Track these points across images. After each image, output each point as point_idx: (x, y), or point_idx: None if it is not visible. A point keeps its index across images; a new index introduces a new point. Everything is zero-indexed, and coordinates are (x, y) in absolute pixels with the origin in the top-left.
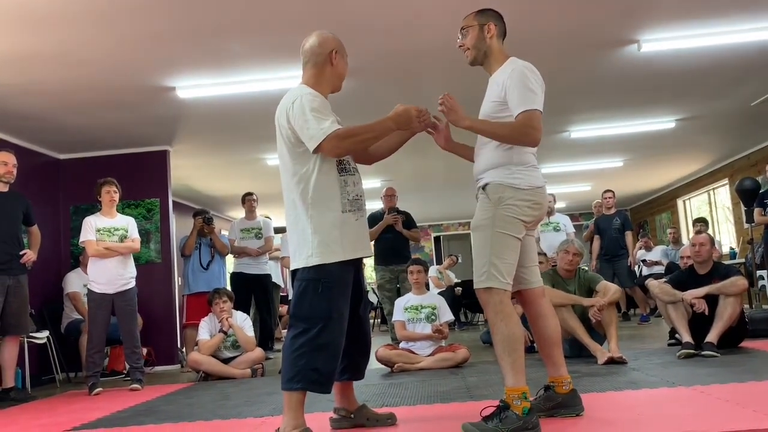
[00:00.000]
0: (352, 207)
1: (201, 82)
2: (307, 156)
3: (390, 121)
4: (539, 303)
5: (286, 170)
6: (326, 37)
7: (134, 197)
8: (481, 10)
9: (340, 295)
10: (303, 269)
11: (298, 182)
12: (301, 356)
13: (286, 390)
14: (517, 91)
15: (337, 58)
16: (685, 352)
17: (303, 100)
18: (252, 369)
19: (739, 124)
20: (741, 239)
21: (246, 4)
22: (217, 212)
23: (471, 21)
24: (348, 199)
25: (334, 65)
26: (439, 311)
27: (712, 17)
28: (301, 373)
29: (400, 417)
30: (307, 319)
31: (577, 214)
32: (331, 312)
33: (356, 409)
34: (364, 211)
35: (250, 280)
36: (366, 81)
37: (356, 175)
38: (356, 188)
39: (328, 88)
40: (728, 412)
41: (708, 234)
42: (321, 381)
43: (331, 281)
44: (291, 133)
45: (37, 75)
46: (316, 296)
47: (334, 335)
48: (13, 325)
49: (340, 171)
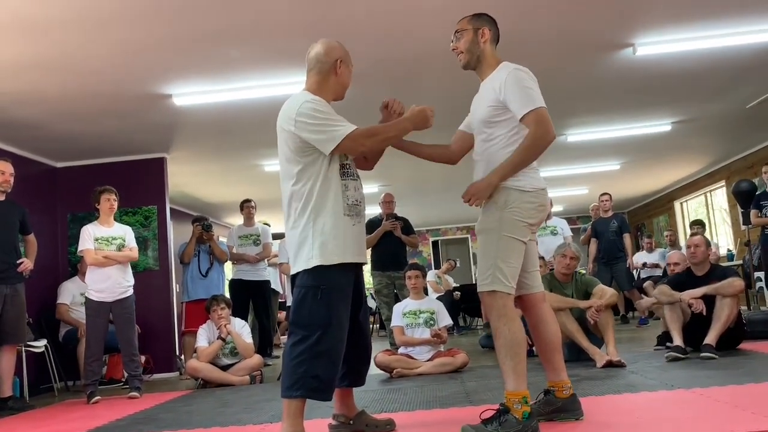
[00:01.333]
0: (351, 212)
1: (197, 89)
2: (311, 160)
3: (407, 122)
4: (540, 308)
5: (289, 175)
6: (332, 46)
7: (132, 205)
8: (476, 14)
9: (340, 302)
10: (302, 276)
11: (301, 187)
12: (301, 363)
13: (286, 397)
14: (516, 94)
15: (342, 68)
16: (673, 355)
17: (310, 106)
18: (251, 376)
19: (735, 127)
20: (738, 241)
21: (242, 11)
22: (215, 219)
23: (465, 25)
24: (347, 203)
25: (339, 74)
26: (437, 316)
27: (706, 20)
28: (300, 380)
29: (400, 422)
30: (307, 326)
31: (575, 217)
32: (331, 318)
33: (355, 415)
34: (362, 218)
35: (248, 287)
36: (363, 87)
37: (357, 180)
38: (356, 193)
39: (330, 96)
40: (727, 415)
41: (703, 236)
42: (321, 388)
43: (329, 287)
44: (296, 138)
45: (34, 83)
46: (315, 303)
47: (334, 342)
48: (10, 334)
49: (342, 175)
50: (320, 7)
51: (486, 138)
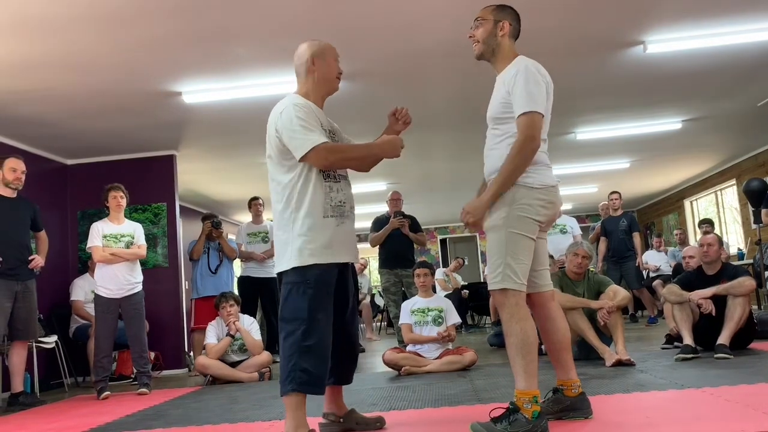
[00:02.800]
0: (334, 213)
1: (207, 87)
2: (293, 164)
3: (376, 148)
4: (549, 306)
5: (273, 178)
6: (303, 48)
7: (141, 202)
8: (501, 5)
9: (323, 297)
10: (286, 273)
11: (283, 189)
12: (290, 358)
13: (282, 394)
14: (519, 91)
15: (317, 63)
16: (684, 354)
17: (290, 111)
18: (259, 372)
19: (746, 125)
20: (749, 240)
21: (251, 9)
22: (223, 216)
23: (487, 15)
24: (330, 204)
25: (316, 70)
26: (446, 314)
27: (717, 18)
28: (291, 375)
29: (408, 420)
30: (291, 321)
31: (584, 215)
32: (314, 312)
33: (345, 413)
34: (347, 217)
35: (257, 284)
36: (368, 84)
37: (342, 182)
38: (340, 194)
39: (319, 93)
40: (739, 414)
41: (716, 234)
42: (312, 381)
43: (312, 283)
44: (279, 141)
45: (44, 81)
46: (298, 298)
47: (320, 336)
48: (21, 330)
49: (325, 177)
50: (328, 4)
51: (496, 134)
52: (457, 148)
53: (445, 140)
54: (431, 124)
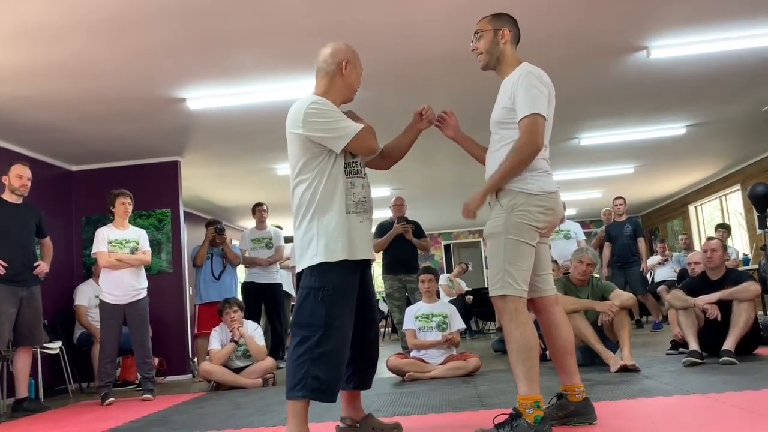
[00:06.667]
0: (357, 209)
1: (211, 93)
2: (317, 161)
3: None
4: (552, 311)
5: (296, 177)
6: (339, 48)
7: (145, 208)
8: (497, 14)
9: (343, 303)
10: (306, 276)
11: (307, 187)
12: (302, 365)
13: (289, 399)
14: (521, 95)
15: (348, 68)
16: (691, 360)
17: (320, 105)
18: (263, 378)
19: (750, 130)
20: (754, 245)
21: (255, 15)
22: (227, 222)
23: (486, 25)
24: (353, 200)
25: (345, 75)
26: (450, 320)
27: (721, 23)
28: (302, 381)
29: (412, 426)
30: (307, 327)
31: (588, 221)
32: (332, 319)
33: (362, 418)
34: (369, 214)
35: (260, 290)
36: (373, 90)
37: (365, 178)
38: (363, 191)
39: (338, 98)
40: (744, 421)
41: (720, 239)
42: (323, 389)
43: (332, 288)
44: (303, 139)
45: (49, 87)
46: (316, 304)
47: (336, 343)
48: (26, 336)
49: (347, 173)
50: (332, 11)
51: (498, 139)
52: (461, 154)
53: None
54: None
